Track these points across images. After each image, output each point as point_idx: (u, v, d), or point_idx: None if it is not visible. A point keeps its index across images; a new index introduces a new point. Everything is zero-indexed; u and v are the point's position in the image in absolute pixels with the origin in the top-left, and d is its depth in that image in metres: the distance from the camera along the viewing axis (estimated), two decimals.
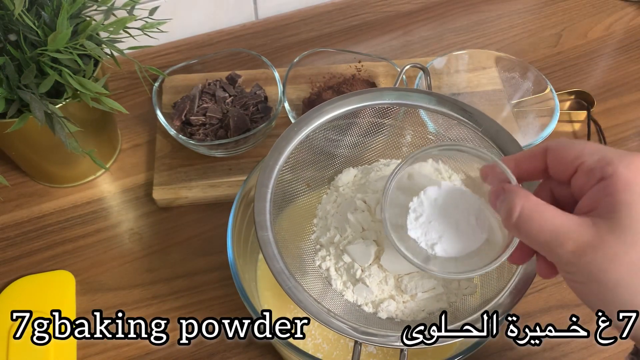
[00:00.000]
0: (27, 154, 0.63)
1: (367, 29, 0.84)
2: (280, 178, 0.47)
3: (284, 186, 0.49)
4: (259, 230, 0.44)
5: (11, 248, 0.63)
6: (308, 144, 0.50)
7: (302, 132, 0.48)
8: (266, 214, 0.45)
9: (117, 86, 0.76)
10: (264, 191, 0.46)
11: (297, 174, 0.50)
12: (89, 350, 0.56)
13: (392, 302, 0.46)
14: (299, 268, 0.47)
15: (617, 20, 0.86)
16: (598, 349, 0.56)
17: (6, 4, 0.49)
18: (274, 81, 0.68)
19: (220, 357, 0.56)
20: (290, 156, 0.48)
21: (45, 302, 0.58)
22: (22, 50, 0.52)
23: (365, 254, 0.46)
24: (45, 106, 0.51)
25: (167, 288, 0.60)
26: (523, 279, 0.43)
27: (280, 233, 0.46)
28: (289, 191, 0.50)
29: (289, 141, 0.48)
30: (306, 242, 0.51)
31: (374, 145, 0.54)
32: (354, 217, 0.48)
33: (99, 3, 0.57)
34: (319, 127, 0.49)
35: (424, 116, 0.52)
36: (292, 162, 0.49)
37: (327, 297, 0.47)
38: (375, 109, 0.50)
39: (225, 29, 0.84)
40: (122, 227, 0.65)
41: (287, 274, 0.43)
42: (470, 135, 0.49)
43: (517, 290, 0.42)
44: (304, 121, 0.49)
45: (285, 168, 0.48)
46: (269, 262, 0.43)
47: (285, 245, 0.46)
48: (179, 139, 0.64)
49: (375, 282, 0.46)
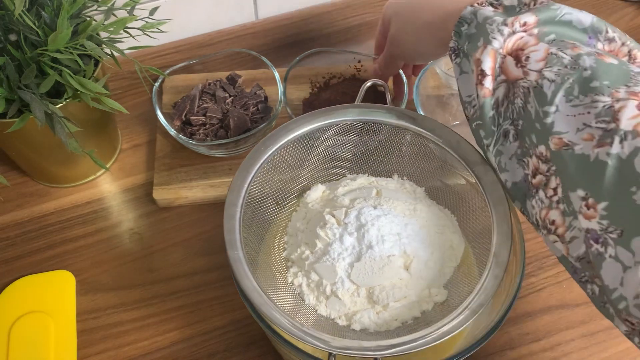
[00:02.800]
0: (27, 154, 0.63)
1: (367, 29, 0.84)
2: (249, 197, 0.48)
3: (253, 205, 0.49)
4: (229, 249, 0.44)
5: (11, 248, 0.63)
6: (275, 163, 0.50)
7: (268, 151, 0.49)
8: (236, 232, 0.45)
9: (117, 86, 0.76)
10: (234, 210, 0.46)
11: (265, 192, 0.51)
12: (89, 350, 0.56)
13: (365, 314, 0.46)
14: (270, 285, 0.47)
15: (617, 20, 0.86)
16: (598, 349, 0.56)
17: (6, 4, 0.49)
18: (274, 81, 0.68)
19: (220, 357, 0.56)
20: (257, 175, 0.48)
21: (45, 302, 0.58)
22: (23, 50, 0.52)
23: (331, 271, 0.47)
24: (46, 106, 0.51)
25: (167, 288, 0.60)
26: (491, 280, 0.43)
27: (251, 251, 0.47)
28: (259, 209, 0.51)
29: (256, 160, 0.49)
30: (277, 259, 0.52)
31: (341, 160, 0.55)
32: (323, 231, 0.48)
33: (99, 3, 0.57)
34: (285, 145, 0.50)
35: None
36: (260, 181, 0.50)
37: (300, 312, 0.47)
38: (339, 126, 0.52)
39: (225, 29, 0.84)
40: (122, 227, 0.65)
41: (259, 291, 0.42)
42: (433, 146, 0.50)
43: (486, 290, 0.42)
44: (270, 139, 0.50)
45: (253, 186, 0.48)
46: (240, 280, 0.43)
47: (256, 262, 0.46)
48: (179, 139, 0.64)
49: (347, 294, 0.47)
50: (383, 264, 0.46)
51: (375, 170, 0.56)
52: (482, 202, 0.46)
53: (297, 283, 0.49)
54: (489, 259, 0.44)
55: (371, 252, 0.46)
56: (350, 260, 0.47)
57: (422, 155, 0.52)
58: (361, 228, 0.47)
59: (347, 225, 0.48)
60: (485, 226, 0.47)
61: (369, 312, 0.46)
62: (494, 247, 0.44)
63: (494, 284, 0.42)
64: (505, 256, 0.43)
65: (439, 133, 0.50)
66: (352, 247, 0.47)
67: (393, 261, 0.46)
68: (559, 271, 0.61)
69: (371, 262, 0.46)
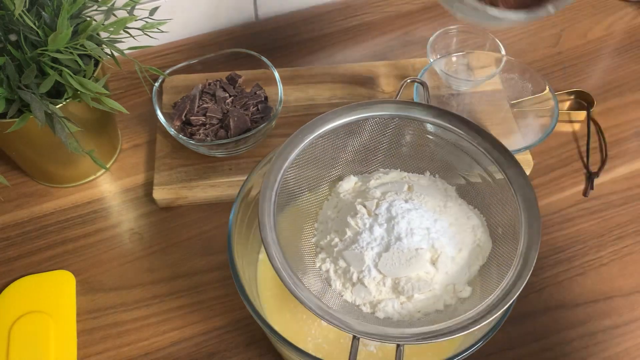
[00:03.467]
0: (27, 154, 0.63)
1: (367, 29, 0.84)
2: (284, 181, 0.49)
3: (287, 190, 0.50)
4: (262, 231, 0.45)
5: (11, 248, 0.63)
6: (311, 151, 0.51)
7: (306, 139, 0.50)
8: (270, 215, 0.46)
9: (117, 86, 0.76)
10: (269, 193, 0.47)
11: (300, 180, 0.52)
12: (89, 350, 0.56)
13: (389, 303, 0.47)
14: (299, 268, 0.48)
15: (617, 20, 0.86)
16: (598, 349, 0.56)
17: (6, 4, 0.49)
18: (274, 81, 0.68)
19: (220, 356, 0.56)
20: (294, 162, 0.49)
21: (45, 302, 0.58)
22: (23, 50, 0.52)
23: (359, 259, 0.47)
24: (46, 106, 0.51)
25: (167, 288, 0.60)
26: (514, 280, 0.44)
27: (282, 234, 0.47)
28: (292, 195, 0.52)
29: (293, 147, 0.50)
30: (307, 244, 0.52)
31: (374, 154, 0.56)
32: (353, 220, 0.49)
33: (99, 3, 0.57)
34: (322, 135, 0.51)
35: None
36: (296, 168, 0.50)
37: (326, 296, 0.48)
38: (376, 120, 0.52)
39: (225, 29, 0.84)
40: (122, 227, 0.65)
41: (290, 271, 0.44)
42: (466, 145, 0.51)
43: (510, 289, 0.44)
44: (308, 128, 0.50)
45: (289, 173, 0.49)
46: (272, 260, 0.44)
47: (286, 245, 0.47)
48: (179, 139, 0.64)
49: (373, 283, 0.47)
50: (410, 256, 0.47)
51: (407, 166, 0.56)
52: (513, 205, 0.47)
53: (324, 268, 0.50)
54: (515, 259, 0.45)
55: (400, 244, 0.47)
56: (378, 250, 0.47)
57: (455, 154, 0.52)
58: (391, 220, 0.48)
59: (378, 217, 0.49)
60: (510, 227, 0.47)
61: (394, 301, 0.47)
62: (521, 248, 0.45)
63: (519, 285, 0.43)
64: (533, 258, 0.44)
65: (474, 133, 0.50)
66: (381, 238, 0.48)
67: (420, 254, 0.47)
68: (559, 271, 0.61)
69: (399, 253, 0.47)
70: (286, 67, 0.76)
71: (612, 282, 0.61)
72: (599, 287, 0.60)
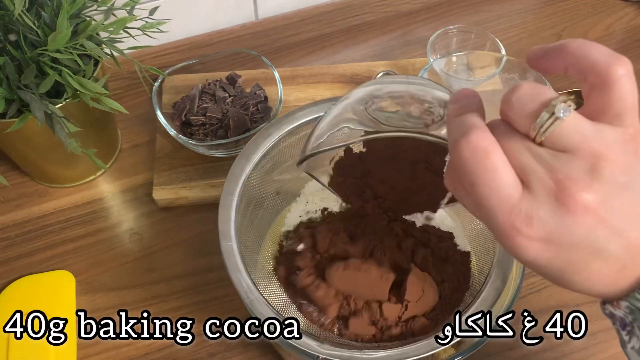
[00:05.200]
0: (27, 154, 0.63)
1: (367, 29, 0.84)
2: (248, 185, 0.46)
3: (251, 194, 0.47)
4: (222, 240, 0.43)
5: (11, 248, 0.63)
6: (277, 152, 0.49)
7: (271, 139, 0.47)
8: (230, 222, 0.44)
9: (117, 86, 0.76)
10: (230, 199, 0.44)
11: (265, 182, 0.49)
12: (89, 350, 0.56)
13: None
14: (263, 278, 0.47)
15: (617, 20, 0.86)
16: (598, 349, 0.56)
17: (6, 4, 0.49)
18: (274, 81, 0.68)
19: (220, 357, 0.56)
20: (258, 163, 0.47)
21: (45, 302, 0.58)
22: (22, 50, 0.52)
23: None
24: (45, 106, 0.51)
25: (167, 288, 0.60)
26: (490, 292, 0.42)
27: (246, 243, 0.45)
28: (257, 199, 0.49)
29: (257, 148, 0.47)
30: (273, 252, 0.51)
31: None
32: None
33: (99, 3, 0.57)
34: (288, 134, 0.48)
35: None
36: (261, 170, 0.48)
37: (292, 308, 0.46)
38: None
39: (225, 29, 0.84)
40: (122, 227, 0.65)
41: (251, 285, 0.41)
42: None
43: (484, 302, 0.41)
44: (273, 127, 0.48)
45: (253, 176, 0.47)
46: (231, 272, 0.42)
47: (250, 254, 0.45)
48: (179, 139, 0.64)
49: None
50: None
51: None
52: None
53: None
54: (491, 267, 0.43)
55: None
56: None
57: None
58: None
59: None
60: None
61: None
62: (497, 256, 0.43)
63: (494, 297, 0.41)
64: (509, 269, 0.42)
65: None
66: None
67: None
68: None
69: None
70: (286, 67, 0.76)
71: None
72: None
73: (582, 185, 0.26)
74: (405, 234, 0.49)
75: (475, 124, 0.28)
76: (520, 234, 0.27)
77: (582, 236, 0.26)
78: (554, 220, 0.26)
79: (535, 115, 0.26)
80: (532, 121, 0.26)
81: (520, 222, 0.26)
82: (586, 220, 0.26)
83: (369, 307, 0.45)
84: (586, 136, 0.26)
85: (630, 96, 0.27)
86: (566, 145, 0.26)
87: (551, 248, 0.27)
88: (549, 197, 0.26)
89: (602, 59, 0.27)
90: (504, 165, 0.27)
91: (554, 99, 0.27)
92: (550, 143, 0.26)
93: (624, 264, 0.27)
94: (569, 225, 0.26)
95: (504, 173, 0.27)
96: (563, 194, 0.26)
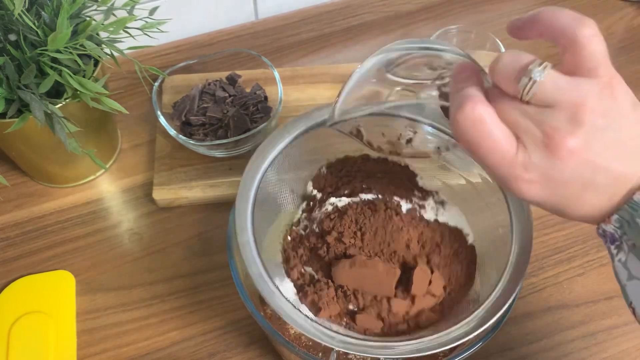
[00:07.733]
0: (27, 154, 0.63)
1: (367, 29, 0.84)
2: (265, 181, 0.46)
3: (267, 190, 0.48)
4: (239, 233, 0.43)
5: (11, 248, 0.63)
6: (294, 149, 0.49)
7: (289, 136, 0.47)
8: (247, 216, 0.44)
9: (117, 86, 0.76)
10: (247, 193, 0.45)
11: (282, 179, 0.49)
12: (89, 350, 0.56)
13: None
14: (277, 273, 0.47)
15: (617, 20, 0.86)
16: (598, 349, 0.56)
17: (6, 4, 0.49)
18: (274, 81, 0.68)
19: (220, 357, 0.56)
20: (274, 160, 0.47)
21: (45, 302, 0.58)
22: (22, 50, 0.52)
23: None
24: (45, 106, 0.51)
25: (167, 288, 0.60)
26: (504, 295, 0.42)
27: (261, 237, 0.45)
28: (273, 195, 0.49)
29: (275, 145, 0.47)
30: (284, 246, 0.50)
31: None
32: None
33: (99, 3, 0.57)
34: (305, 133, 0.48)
35: None
36: (277, 166, 0.48)
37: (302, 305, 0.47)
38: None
39: (225, 29, 0.84)
40: (122, 227, 0.65)
41: (266, 278, 0.42)
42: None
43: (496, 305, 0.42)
44: (291, 124, 0.48)
45: (270, 172, 0.47)
46: (248, 266, 0.42)
47: (265, 249, 0.45)
48: (179, 139, 0.64)
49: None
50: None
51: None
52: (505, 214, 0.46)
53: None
54: (505, 269, 0.43)
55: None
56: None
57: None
58: None
59: None
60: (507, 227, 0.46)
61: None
62: (512, 257, 0.43)
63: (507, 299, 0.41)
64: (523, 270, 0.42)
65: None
66: None
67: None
68: (559, 271, 0.61)
69: None
70: (286, 67, 0.76)
71: (612, 282, 0.60)
72: (599, 287, 0.60)
73: (564, 133, 0.30)
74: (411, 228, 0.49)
75: (469, 96, 0.32)
76: (520, 179, 0.32)
77: (570, 174, 0.31)
78: (545, 165, 0.31)
79: (517, 80, 0.31)
80: (516, 85, 0.31)
81: (519, 170, 0.31)
82: (571, 161, 0.31)
83: (377, 302, 0.46)
84: (565, 90, 0.30)
85: (600, 52, 0.31)
86: (549, 100, 0.30)
87: (548, 186, 0.32)
88: (539, 147, 0.31)
89: (568, 23, 0.32)
90: (497, 128, 0.32)
91: (530, 63, 0.31)
92: (536, 101, 0.31)
93: (613, 192, 0.32)
94: (558, 167, 0.31)
95: (499, 135, 0.31)
96: (550, 142, 0.30)
